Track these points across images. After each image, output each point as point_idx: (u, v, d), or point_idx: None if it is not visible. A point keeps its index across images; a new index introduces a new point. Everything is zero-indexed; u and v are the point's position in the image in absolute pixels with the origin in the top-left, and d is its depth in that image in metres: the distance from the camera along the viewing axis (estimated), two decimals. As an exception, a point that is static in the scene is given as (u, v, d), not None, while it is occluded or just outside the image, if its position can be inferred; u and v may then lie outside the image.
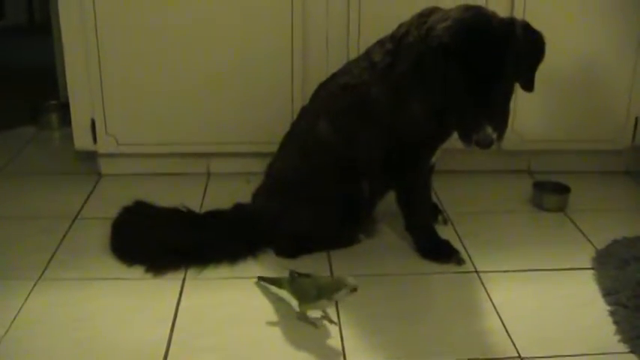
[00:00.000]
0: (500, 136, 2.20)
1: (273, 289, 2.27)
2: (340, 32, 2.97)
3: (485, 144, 2.16)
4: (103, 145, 3.10)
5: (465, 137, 2.21)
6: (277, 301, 2.25)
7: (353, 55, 2.77)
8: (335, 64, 2.69)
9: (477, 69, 2.13)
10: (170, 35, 2.96)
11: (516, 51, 2.16)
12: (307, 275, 2.21)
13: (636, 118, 3.17)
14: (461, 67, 2.13)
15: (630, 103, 3.15)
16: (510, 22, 2.21)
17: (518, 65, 2.19)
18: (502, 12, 2.31)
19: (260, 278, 2.35)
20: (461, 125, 2.23)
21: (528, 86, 2.29)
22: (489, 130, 2.15)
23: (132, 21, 2.93)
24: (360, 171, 2.49)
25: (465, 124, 2.20)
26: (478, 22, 2.18)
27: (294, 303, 2.16)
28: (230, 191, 2.83)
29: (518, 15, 2.87)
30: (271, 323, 2.16)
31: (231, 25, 2.96)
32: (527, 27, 2.23)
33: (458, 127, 2.26)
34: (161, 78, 3.02)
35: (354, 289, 2.04)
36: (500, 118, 2.20)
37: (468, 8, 2.24)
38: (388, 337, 2.10)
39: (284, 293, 2.21)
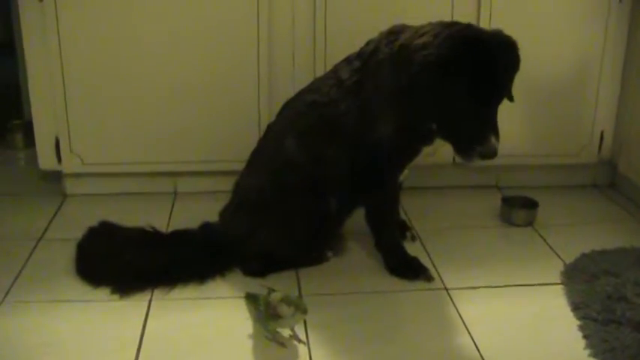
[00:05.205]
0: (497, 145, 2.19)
1: (257, 305, 2.25)
2: (306, 48, 2.96)
3: (491, 154, 2.15)
4: (68, 165, 3.06)
5: (467, 150, 2.18)
6: (247, 321, 2.22)
7: (319, 71, 2.77)
8: (301, 81, 2.68)
9: (478, 81, 2.11)
10: (135, 53, 2.94)
11: (507, 60, 2.17)
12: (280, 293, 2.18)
13: (602, 132, 3.20)
14: (461, 81, 2.10)
15: (595, 117, 3.18)
16: (498, 33, 2.21)
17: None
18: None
19: (248, 295, 2.32)
20: (461, 139, 2.21)
21: (510, 96, 2.30)
22: (494, 140, 2.14)
23: (95, 39, 2.91)
24: (328, 189, 2.47)
25: (467, 137, 2.18)
26: (472, 34, 2.17)
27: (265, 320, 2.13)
28: (197, 210, 2.80)
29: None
30: (240, 345, 2.13)
31: (197, 43, 2.94)
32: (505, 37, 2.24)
33: (457, 141, 2.22)
34: (126, 96, 2.99)
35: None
36: (497, 127, 2.19)
37: (449, 24, 2.23)
38: (357, 356, 2.08)
39: (261, 309, 2.19)
